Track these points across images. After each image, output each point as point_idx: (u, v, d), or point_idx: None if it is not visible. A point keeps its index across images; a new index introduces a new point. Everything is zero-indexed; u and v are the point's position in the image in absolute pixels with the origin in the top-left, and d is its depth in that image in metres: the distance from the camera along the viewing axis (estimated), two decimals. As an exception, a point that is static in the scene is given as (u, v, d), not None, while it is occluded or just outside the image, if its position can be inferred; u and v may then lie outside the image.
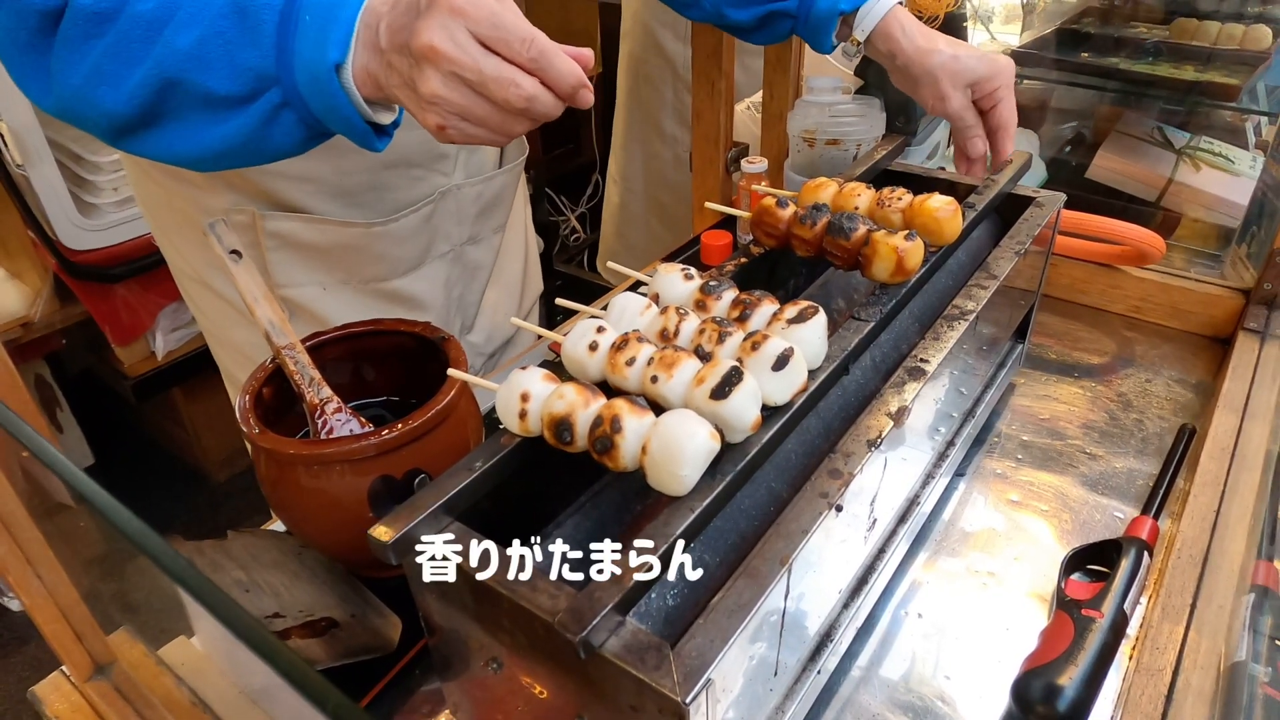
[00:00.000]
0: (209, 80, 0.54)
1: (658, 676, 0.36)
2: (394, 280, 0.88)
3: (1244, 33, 1.28)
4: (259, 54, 0.54)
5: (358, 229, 0.82)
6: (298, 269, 0.83)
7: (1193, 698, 0.53)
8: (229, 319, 0.88)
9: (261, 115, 0.56)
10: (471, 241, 0.94)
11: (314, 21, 0.53)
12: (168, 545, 0.28)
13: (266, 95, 0.55)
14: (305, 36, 0.53)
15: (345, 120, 0.55)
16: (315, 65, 0.53)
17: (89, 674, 0.60)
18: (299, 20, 0.54)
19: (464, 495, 0.45)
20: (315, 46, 0.53)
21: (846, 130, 1.00)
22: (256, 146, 0.57)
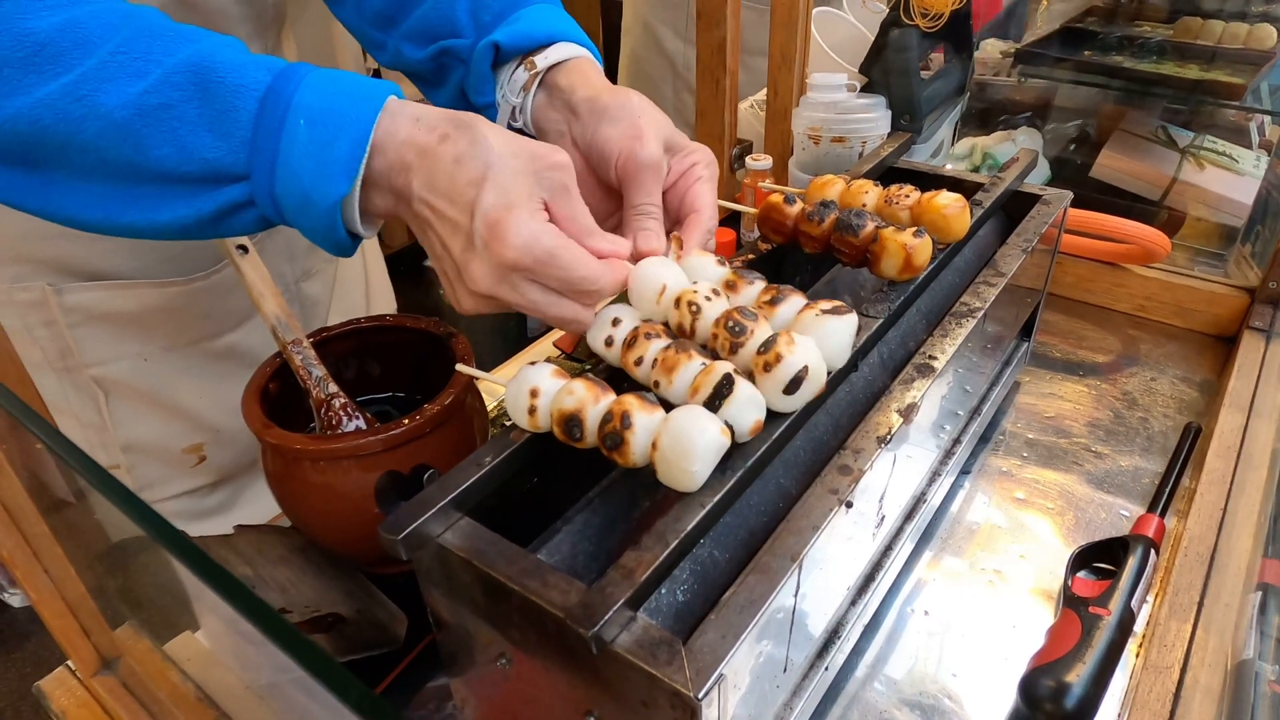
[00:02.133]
0: (139, 155, 0.43)
1: (670, 672, 0.36)
2: (226, 336, 0.79)
3: (1248, 32, 1.29)
4: (226, 145, 0.44)
5: (175, 288, 0.72)
6: (109, 343, 0.72)
7: (1200, 695, 0.53)
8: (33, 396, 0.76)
9: (214, 207, 0.46)
10: (305, 277, 0.85)
11: (310, 132, 0.44)
12: (185, 537, 0.28)
13: (226, 190, 0.45)
14: (296, 147, 0.44)
15: (334, 243, 0.47)
16: (310, 190, 0.45)
17: (95, 669, 0.60)
18: (289, 123, 0.44)
19: (473, 491, 0.45)
20: (312, 168, 0.44)
21: (852, 128, 1.00)
22: (194, 233, 0.48)
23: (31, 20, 0.41)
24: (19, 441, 0.48)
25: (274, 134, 0.44)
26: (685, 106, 1.59)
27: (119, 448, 0.78)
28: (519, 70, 0.59)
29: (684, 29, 1.52)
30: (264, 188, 0.45)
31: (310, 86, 0.45)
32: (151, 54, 0.43)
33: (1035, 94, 1.44)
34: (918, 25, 0.99)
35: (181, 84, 0.43)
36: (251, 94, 0.44)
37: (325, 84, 0.45)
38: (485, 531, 0.44)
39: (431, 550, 0.44)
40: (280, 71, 0.45)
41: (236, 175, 0.45)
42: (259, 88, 0.44)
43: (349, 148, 0.44)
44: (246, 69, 0.44)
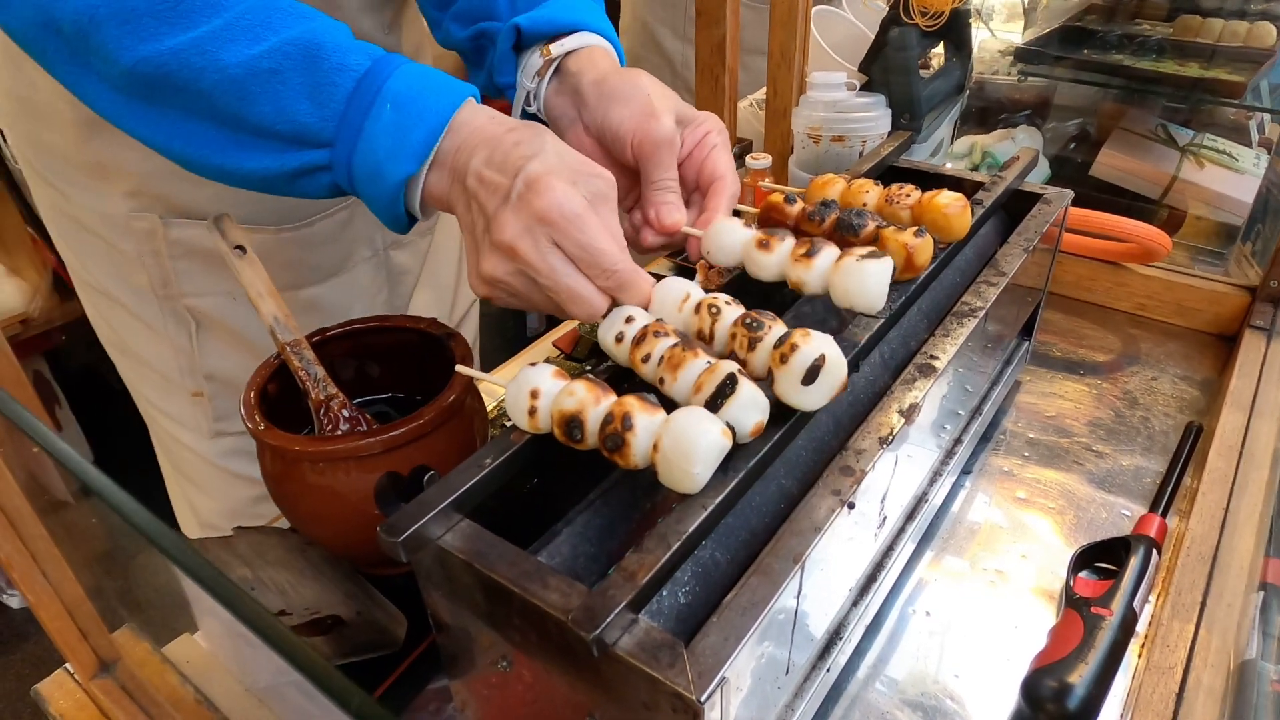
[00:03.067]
0: (245, 109, 0.49)
1: (672, 675, 0.36)
2: (310, 288, 0.83)
3: (1248, 30, 1.28)
4: (319, 114, 0.49)
5: (267, 235, 0.77)
6: (204, 278, 0.79)
7: (1204, 695, 0.53)
8: (130, 329, 0.84)
9: (296, 165, 0.51)
10: (396, 245, 0.89)
11: (395, 115, 0.49)
12: (182, 540, 0.27)
13: (310, 153, 0.51)
14: (379, 125, 0.49)
15: (393, 218, 0.52)
16: (384, 165, 0.50)
17: (93, 672, 0.60)
18: (377, 104, 0.49)
19: (473, 492, 0.45)
20: (389, 145, 0.49)
21: (851, 126, 1.00)
22: (273, 186, 0.53)
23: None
24: (16, 443, 0.48)
25: (363, 112, 0.49)
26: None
27: (203, 375, 0.83)
28: (535, 55, 0.62)
29: (682, 28, 1.52)
30: (343, 157, 0.51)
31: (402, 76, 0.50)
32: (271, 23, 0.48)
33: (1035, 92, 1.44)
34: (917, 24, 0.99)
35: (292, 54, 0.49)
36: (351, 74, 0.49)
37: (415, 77, 0.51)
38: (486, 533, 0.43)
39: (432, 552, 0.44)
40: (379, 59, 0.51)
41: (323, 141, 0.50)
42: (358, 70, 0.50)
43: (425, 134, 0.50)
44: (350, 52, 0.50)
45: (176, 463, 0.92)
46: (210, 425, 0.87)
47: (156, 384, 0.86)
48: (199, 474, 0.90)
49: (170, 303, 0.80)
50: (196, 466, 0.90)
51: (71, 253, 0.83)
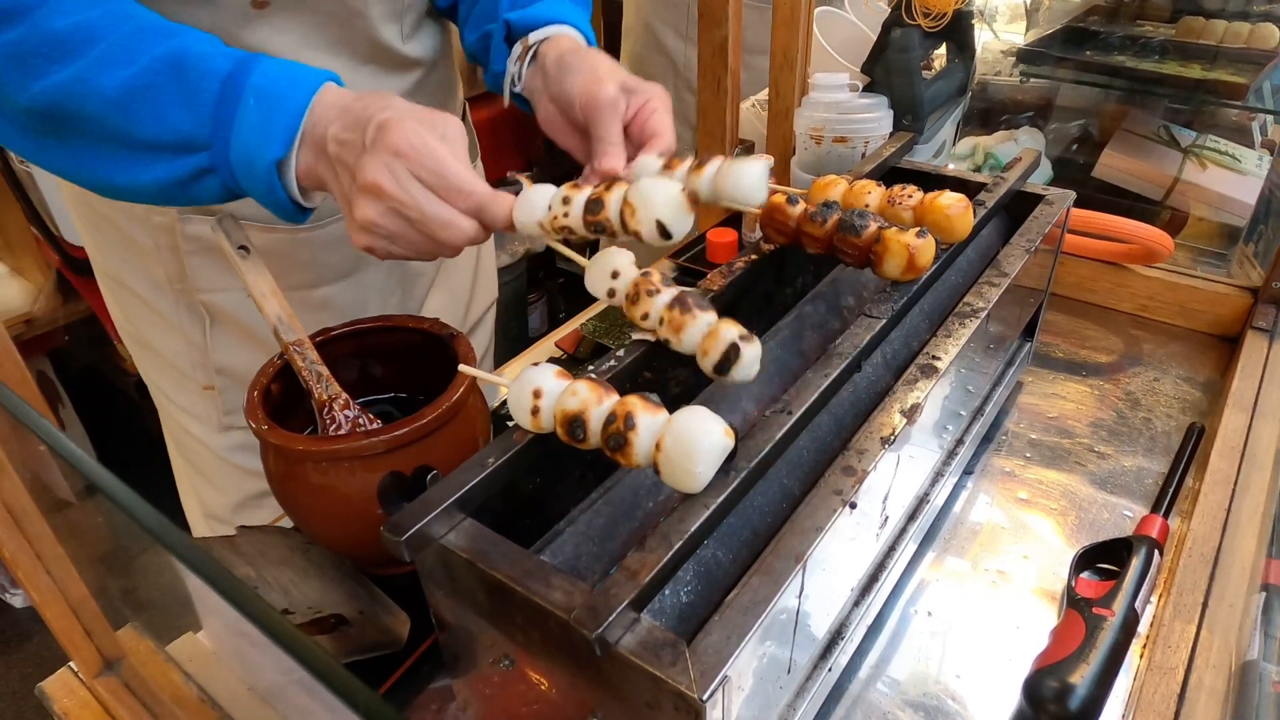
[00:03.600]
0: (129, 126, 0.54)
1: (674, 674, 0.36)
2: (322, 288, 0.85)
3: (1250, 31, 1.28)
4: (193, 119, 0.54)
5: (281, 234, 0.79)
6: (218, 274, 0.80)
7: (1205, 696, 0.53)
8: (146, 321, 0.85)
9: (183, 171, 0.56)
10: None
11: (258, 107, 0.53)
12: (188, 538, 0.27)
13: (193, 157, 0.55)
14: (246, 119, 0.54)
15: (276, 204, 0.56)
16: (254, 154, 0.54)
17: (97, 670, 0.60)
18: (241, 100, 0.54)
19: (476, 492, 0.45)
20: (257, 134, 0.54)
21: (854, 128, 1.00)
22: (170, 196, 0.57)
23: (55, 20, 0.52)
24: (21, 442, 0.48)
25: (231, 110, 0.54)
26: (686, 106, 1.58)
27: (214, 369, 0.85)
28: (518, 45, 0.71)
29: (685, 29, 1.52)
30: (221, 156, 0.55)
31: (262, 72, 0.54)
32: (142, 45, 0.53)
33: (1037, 94, 1.44)
34: (919, 25, 0.99)
35: (162, 69, 0.53)
36: (215, 77, 0.54)
37: (275, 71, 0.55)
38: (488, 532, 0.44)
39: (434, 551, 0.44)
40: (241, 59, 0.55)
41: (201, 144, 0.55)
42: (221, 72, 0.54)
43: (287, 119, 0.54)
44: (214, 58, 0.54)
45: (186, 454, 0.94)
46: (220, 419, 0.88)
47: (170, 376, 0.88)
48: (207, 466, 0.92)
49: (185, 297, 0.82)
50: (205, 459, 0.91)
51: (93, 243, 0.85)
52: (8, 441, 0.48)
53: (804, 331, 0.65)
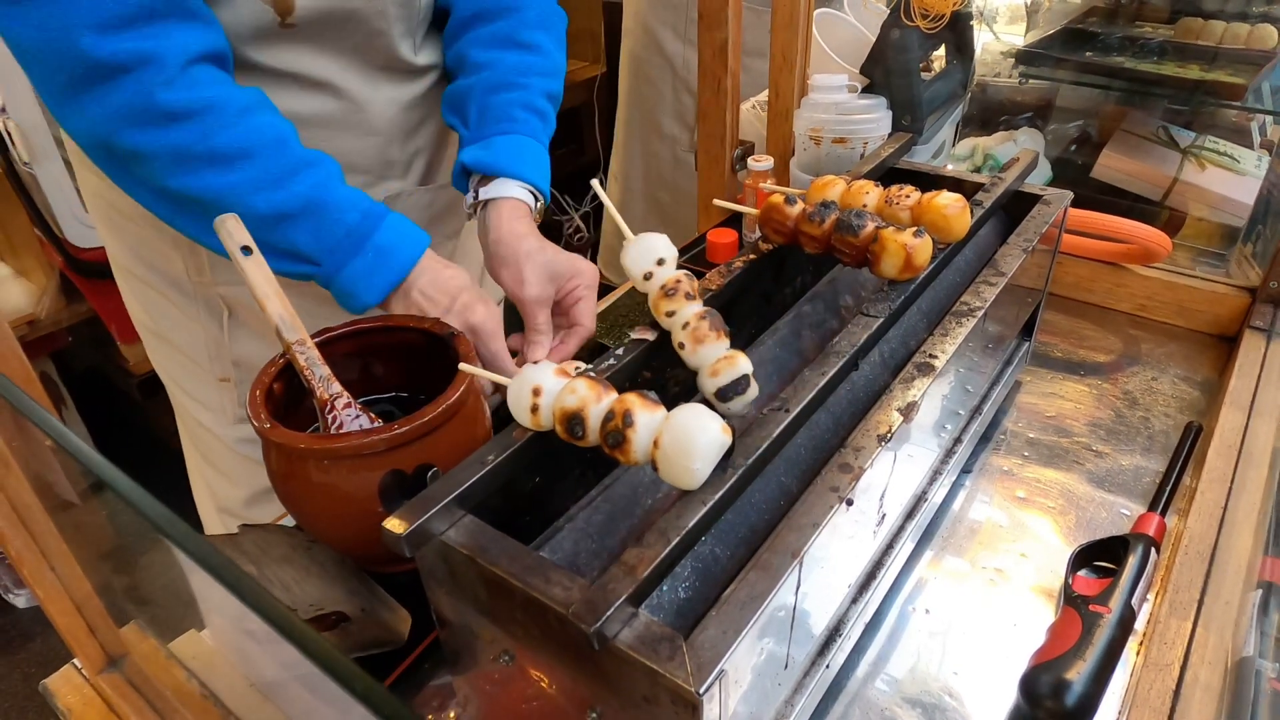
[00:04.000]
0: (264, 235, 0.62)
1: (672, 668, 0.37)
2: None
3: (1249, 32, 1.29)
4: (316, 248, 0.66)
5: None
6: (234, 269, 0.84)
7: (1200, 693, 0.53)
8: (165, 314, 0.87)
9: (289, 269, 0.67)
10: None
11: (376, 260, 0.67)
12: (195, 533, 0.28)
13: (303, 267, 0.67)
14: (361, 263, 0.67)
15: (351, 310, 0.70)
16: (356, 292, 0.68)
17: (101, 667, 0.60)
18: (361, 251, 0.67)
19: (476, 489, 0.46)
20: (364, 282, 0.67)
21: (853, 128, 1.00)
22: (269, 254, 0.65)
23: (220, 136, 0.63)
24: (27, 440, 0.49)
25: (351, 253, 0.67)
26: (685, 108, 1.59)
27: (231, 362, 0.88)
28: (470, 193, 0.80)
29: (684, 30, 1.52)
30: (325, 277, 0.68)
31: (384, 231, 0.68)
32: (292, 175, 0.65)
33: (1036, 94, 1.44)
34: (918, 26, 1.00)
35: (303, 206, 0.66)
36: (344, 225, 0.67)
37: (393, 229, 0.69)
38: (488, 529, 0.44)
39: (435, 547, 0.44)
40: (366, 212, 0.68)
41: (314, 263, 0.67)
42: (352, 221, 0.67)
43: (392, 277, 0.68)
44: (345, 210, 0.67)
45: (200, 447, 0.95)
46: (234, 411, 0.90)
47: (186, 368, 0.89)
48: (220, 458, 0.93)
49: (204, 290, 0.83)
50: (219, 451, 0.92)
51: (113, 239, 0.87)
52: (13, 440, 0.49)
53: (802, 330, 0.65)
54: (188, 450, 0.99)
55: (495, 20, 0.81)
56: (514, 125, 0.79)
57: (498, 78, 0.80)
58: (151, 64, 0.60)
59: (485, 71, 0.80)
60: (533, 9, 0.82)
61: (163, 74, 0.60)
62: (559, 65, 0.85)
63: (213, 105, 0.63)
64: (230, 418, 0.90)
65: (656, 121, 1.62)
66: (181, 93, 0.61)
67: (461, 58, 0.82)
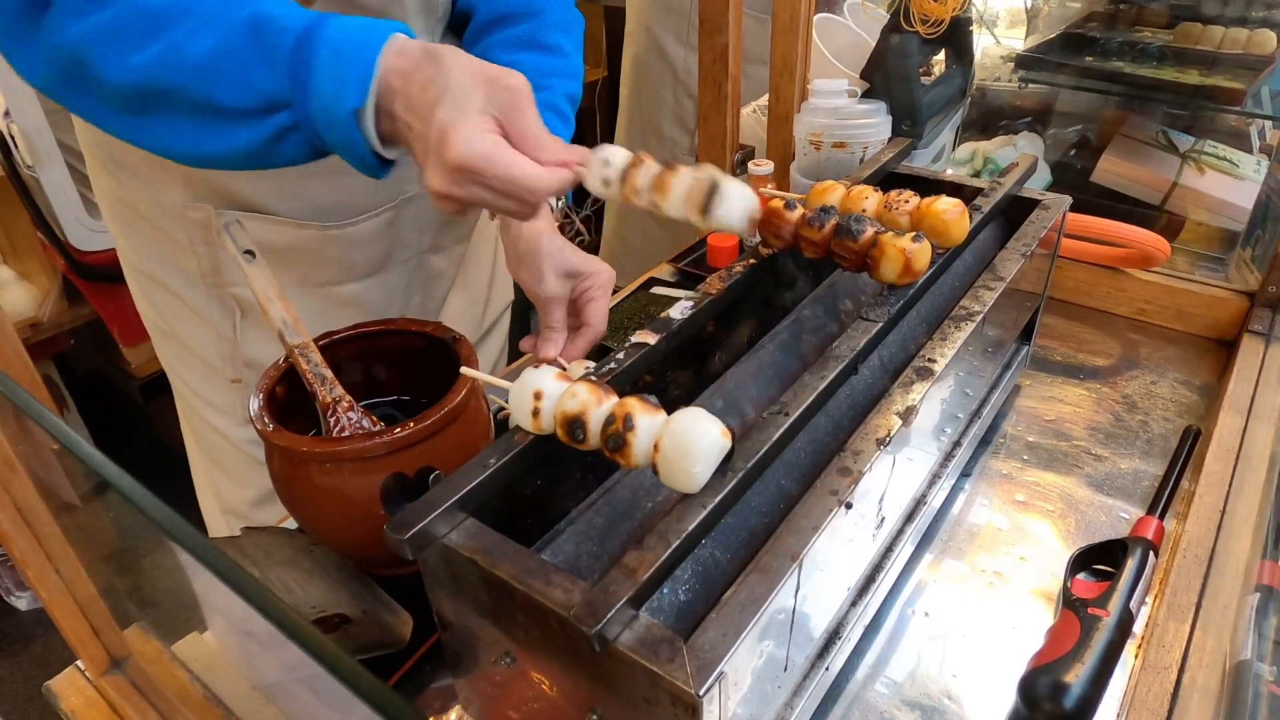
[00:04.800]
0: (216, 93, 0.54)
1: (671, 669, 0.37)
2: (349, 284, 0.87)
3: (1248, 37, 1.29)
4: (272, 76, 0.55)
5: (312, 231, 0.82)
6: None
7: (1198, 696, 0.53)
8: (177, 314, 0.87)
9: (269, 132, 0.56)
10: (434, 250, 0.94)
11: (333, 60, 0.54)
12: (198, 534, 0.28)
13: (276, 117, 0.56)
14: (321, 71, 0.54)
15: (358, 157, 0.56)
16: (332, 105, 0.54)
17: (104, 668, 0.61)
18: (315, 52, 0.54)
19: (478, 492, 0.46)
20: (333, 86, 0.54)
21: (853, 133, 1.01)
22: (259, 159, 0.58)
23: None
24: (31, 443, 0.49)
25: (307, 64, 0.54)
26: (685, 111, 1.59)
27: (243, 362, 0.87)
28: None
29: (685, 35, 1.53)
30: (302, 111, 0.55)
31: (336, 25, 0.55)
32: (226, 14, 0.54)
33: (1036, 99, 1.44)
34: (918, 31, 1.00)
35: (243, 32, 0.54)
36: (291, 33, 0.54)
37: (348, 23, 0.55)
38: (490, 531, 0.44)
39: (437, 550, 0.45)
40: (315, 17, 0.55)
41: (282, 103, 0.55)
42: (297, 28, 0.54)
43: (359, 69, 0.54)
44: (290, 16, 0.55)
45: (207, 449, 0.95)
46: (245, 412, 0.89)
47: (197, 369, 0.90)
48: (229, 460, 0.93)
49: (217, 290, 0.84)
50: (227, 453, 0.93)
51: (125, 239, 0.87)
52: (18, 442, 0.49)
53: (802, 335, 0.66)
54: (193, 452, 0.99)
55: (517, 23, 0.81)
56: None
57: None
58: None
59: None
60: (554, 12, 0.82)
61: None
62: (579, 68, 0.85)
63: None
64: (241, 419, 0.91)
65: (657, 124, 1.63)
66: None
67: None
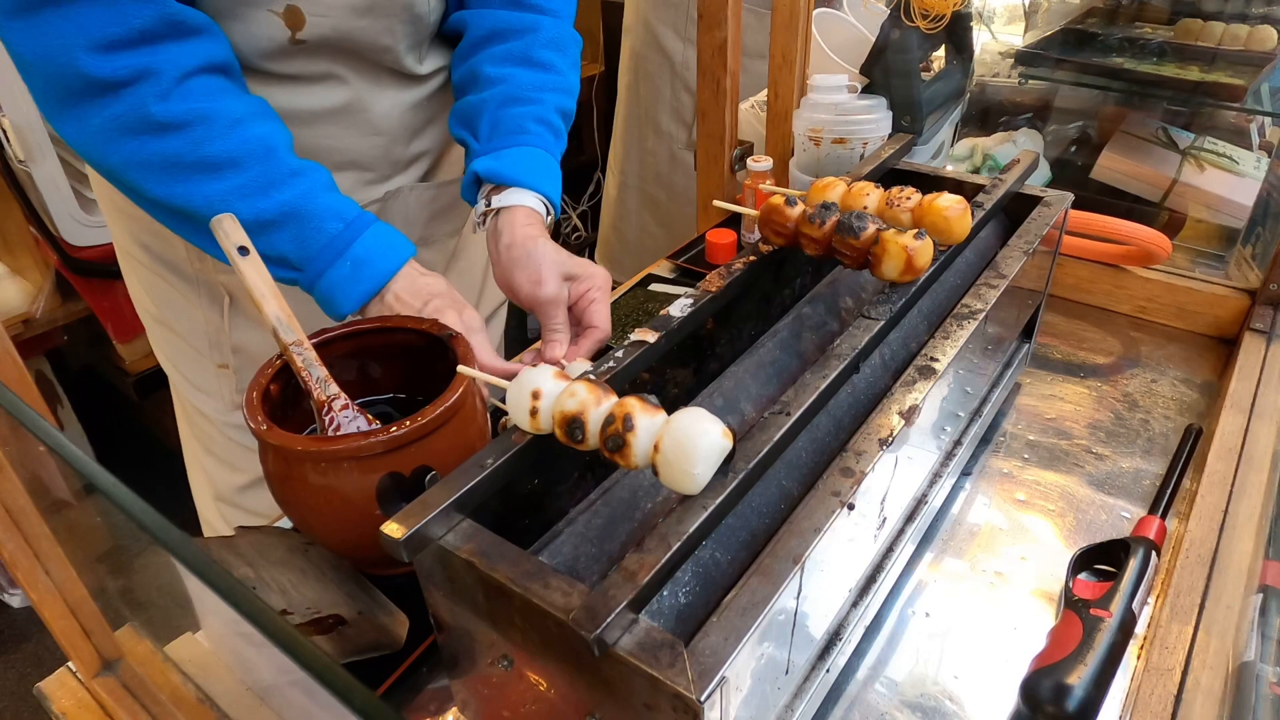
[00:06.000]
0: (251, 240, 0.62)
1: (672, 674, 0.36)
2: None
3: (1249, 33, 1.29)
4: (299, 254, 0.67)
5: None
6: None
7: (1202, 697, 0.53)
8: (167, 300, 0.87)
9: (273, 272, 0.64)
10: (423, 243, 0.94)
11: (353, 272, 0.68)
12: (187, 539, 0.28)
13: (284, 271, 0.68)
14: (339, 273, 0.68)
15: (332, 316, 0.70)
16: (335, 299, 0.69)
17: (96, 670, 0.60)
18: (340, 260, 0.68)
19: (475, 493, 0.45)
20: (343, 291, 0.69)
21: (852, 129, 1.00)
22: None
23: (212, 146, 0.64)
24: (20, 442, 0.48)
25: (330, 262, 0.68)
26: (683, 106, 1.59)
27: (230, 348, 0.89)
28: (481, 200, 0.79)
29: (684, 29, 1.52)
30: (306, 283, 0.69)
31: (364, 241, 0.69)
32: (277, 184, 0.66)
33: (1036, 95, 1.44)
34: (918, 26, 0.99)
35: (287, 215, 0.67)
36: (326, 234, 0.68)
37: (374, 240, 0.69)
38: (487, 533, 0.44)
39: (433, 551, 0.44)
40: (350, 222, 0.69)
41: (295, 268, 0.69)
42: (334, 231, 0.68)
43: (369, 286, 0.69)
44: (328, 219, 0.68)
45: (198, 434, 0.96)
46: (233, 397, 0.90)
47: (186, 354, 0.90)
48: (218, 445, 0.94)
49: (206, 276, 0.84)
50: (216, 438, 0.93)
51: (118, 224, 0.88)
52: (7, 442, 0.48)
53: (802, 333, 0.65)
54: (185, 439, 1.00)
55: (510, 39, 0.81)
56: (527, 138, 0.79)
57: (511, 92, 0.80)
58: (147, 79, 0.62)
59: (499, 86, 0.80)
60: (547, 30, 0.83)
61: (158, 87, 0.62)
62: (573, 85, 0.85)
63: (205, 116, 0.64)
64: (228, 404, 0.91)
65: (654, 118, 1.62)
66: (175, 104, 0.63)
67: (474, 74, 0.82)
